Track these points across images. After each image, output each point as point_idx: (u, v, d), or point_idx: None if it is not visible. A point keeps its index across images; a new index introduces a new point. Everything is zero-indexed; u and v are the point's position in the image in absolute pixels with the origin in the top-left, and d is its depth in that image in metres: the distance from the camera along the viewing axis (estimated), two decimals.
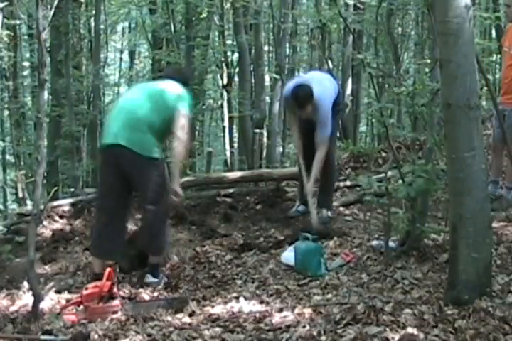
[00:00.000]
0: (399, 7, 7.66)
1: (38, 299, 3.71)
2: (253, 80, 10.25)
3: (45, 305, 3.87)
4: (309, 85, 5.05)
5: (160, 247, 4.31)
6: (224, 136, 13.68)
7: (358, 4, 7.99)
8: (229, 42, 11.89)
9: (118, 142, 4.08)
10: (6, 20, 8.24)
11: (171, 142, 4.33)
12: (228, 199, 6.01)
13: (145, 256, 4.35)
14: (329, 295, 3.67)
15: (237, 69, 11.09)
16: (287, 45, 10.54)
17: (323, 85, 5.18)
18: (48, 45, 9.67)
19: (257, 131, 8.32)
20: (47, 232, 5.24)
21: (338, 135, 6.86)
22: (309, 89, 5.00)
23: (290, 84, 5.23)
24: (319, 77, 5.48)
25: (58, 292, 4.17)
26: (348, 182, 6.38)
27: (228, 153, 12.66)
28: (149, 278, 4.23)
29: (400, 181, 4.08)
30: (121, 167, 4.12)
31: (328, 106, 5.09)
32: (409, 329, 2.94)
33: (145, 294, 4.06)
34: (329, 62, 9.78)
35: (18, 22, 10.04)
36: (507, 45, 5.16)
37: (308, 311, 3.39)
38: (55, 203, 5.73)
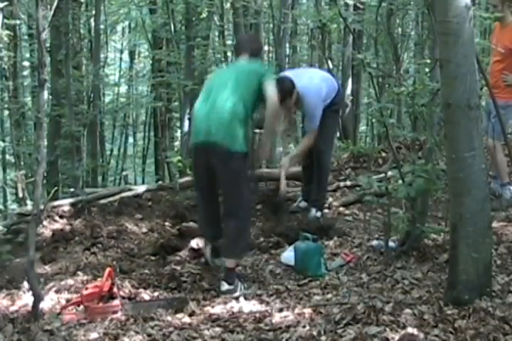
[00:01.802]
0: (399, 7, 7.64)
1: (38, 299, 3.71)
2: None
3: (45, 305, 3.87)
4: (289, 80, 5.18)
5: (237, 250, 4.09)
6: None
7: (358, 4, 7.99)
8: (229, 42, 11.88)
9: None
10: (6, 20, 8.23)
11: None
12: None
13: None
14: (329, 295, 3.67)
15: None
16: (287, 45, 10.53)
17: (311, 79, 5.31)
18: (48, 45, 9.66)
19: (257, 131, 8.27)
20: (47, 232, 5.24)
21: (337, 135, 6.90)
22: (287, 84, 5.10)
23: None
24: (311, 73, 5.67)
25: (58, 292, 4.17)
26: (348, 182, 6.38)
27: None
28: (224, 286, 3.96)
29: (400, 181, 4.08)
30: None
31: (313, 99, 5.20)
32: (409, 329, 2.95)
33: (145, 294, 4.05)
34: (329, 62, 9.77)
35: (18, 22, 10.03)
36: (495, 42, 5.39)
37: (308, 311, 3.40)
38: (55, 203, 5.72)
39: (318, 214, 5.36)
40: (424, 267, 3.86)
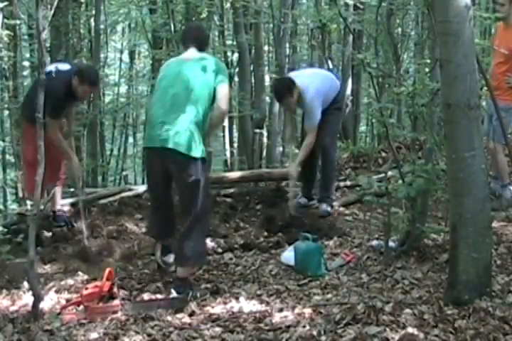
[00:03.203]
0: (399, 7, 7.66)
1: (38, 299, 3.70)
2: (253, 80, 10.24)
3: (45, 305, 3.87)
4: (288, 78, 5.38)
5: (191, 258, 4.00)
6: (224, 136, 13.66)
7: (358, 4, 8.00)
8: (229, 42, 11.87)
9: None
10: (6, 20, 8.22)
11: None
12: (228, 199, 6.01)
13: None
14: (329, 295, 3.67)
15: (237, 69, 11.09)
16: (287, 45, 10.53)
17: (312, 79, 5.44)
18: (48, 45, 9.66)
19: (257, 131, 8.32)
20: (47, 232, 5.23)
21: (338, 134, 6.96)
22: (286, 83, 5.32)
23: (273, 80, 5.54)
24: (313, 72, 5.83)
25: (58, 292, 4.17)
26: (348, 182, 6.39)
27: (228, 153, 12.65)
28: (173, 294, 3.94)
29: (400, 181, 4.08)
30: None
31: (313, 97, 5.30)
32: (409, 329, 2.95)
33: (145, 294, 4.05)
34: (329, 62, 9.77)
35: (18, 22, 10.01)
36: (497, 43, 5.32)
37: (308, 311, 3.40)
38: None
39: (329, 208, 5.47)
40: (424, 267, 3.86)
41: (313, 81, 5.41)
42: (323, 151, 5.51)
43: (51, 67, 5.08)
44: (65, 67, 5.13)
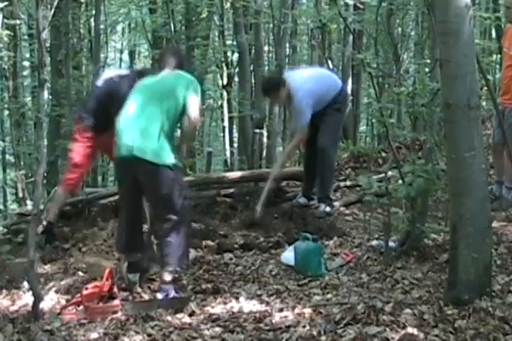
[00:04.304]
0: (399, 7, 7.66)
1: (38, 299, 3.71)
2: (253, 80, 10.24)
3: (45, 305, 3.87)
4: (277, 77, 5.48)
5: (173, 262, 3.97)
6: (224, 136, 13.68)
7: (358, 4, 7.98)
8: (229, 42, 11.89)
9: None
10: (6, 20, 8.24)
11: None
12: (228, 199, 6.00)
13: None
14: (329, 295, 3.67)
15: (237, 69, 11.09)
16: (287, 45, 10.53)
17: (306, 78, 5.42)
18: (48, 45, 9.65)
19: (257, 131, 8.33)
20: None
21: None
22: (274, 80, 5.38)
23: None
24: (312, 72, 5.81)
25: (58, 292, 4.17)
26: (348, 182, 6.38)
27: (228, 153, 12.66)
28: (158, 297, 3.93)
29: (400, 181, 4.08)
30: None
31: (302, 97, 5.26)
32: (409, 329, 2.95)
33: (145, 294, 4.05)
34: (329, 62, 9.78)
35: (18, 22, 10.03)
36: (506, 45, 5.19)
37: (308, 311, 3.39)
38: None
39: (328, 209, 5.41)
40: (424, 267, 3.85)
41: (306, 81, 5.36)
42: (320, 152, 5.42)
43: (110, 74, 5.34)
44: (124, 71, 5.49)
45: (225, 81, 11.89)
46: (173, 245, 3.97)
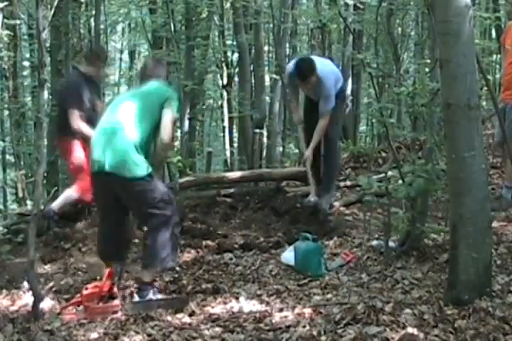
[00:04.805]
0: (399, 7, 7.65)
1: (38, 299, 3.71)
2: (253, 80, 10.24)
3: (45, 305, 3.87)
4: (312, 59, 5.49)
5: (154, 263, 3.97)
6: (224, 136, 13.67)
7: (358, 4, 8.00)
8: (229, 42, 11.87)
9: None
10: (6, 20, 8.22)
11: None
12: (228, 199, 6.00)
13: None
14: (329, 295, 3.67)
15: (237, 69, 11.08)
16: (287, 45, 10.52)
17: (325, 65, 5.58)
18: (48, 45, 9.65)
19: (257, 131, 8.32)
20: (47, 232, 5.23)
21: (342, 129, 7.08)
22: (312, 63, 5.41)
23: (293, 61, 5.69)
24: (322, 59, 5.91)
25: (58, 292, 4.17)
26: (348, 182, 6.39)
27: (228, 153, 12.65)
28: (135, 299, 3.92)
29: (400, 181, 4.08)
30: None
31: (331, 82, 5.44)
32: (409, 329, 2.95)
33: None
34: None
35: (18, 22, 10.02)
36: (509, 42, 5.19)
37: (308, 311, 3.40)
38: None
39: (328, 205, 5.50)
40: (424, 267, 3.85)
41: (328, 66, 5.56)
42: (327, 145, 5.60)
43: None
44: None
45: (225, 81, 11.88)
46: (155, 248, 3.94)
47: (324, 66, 5.51)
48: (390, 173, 4.60)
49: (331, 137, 5.57)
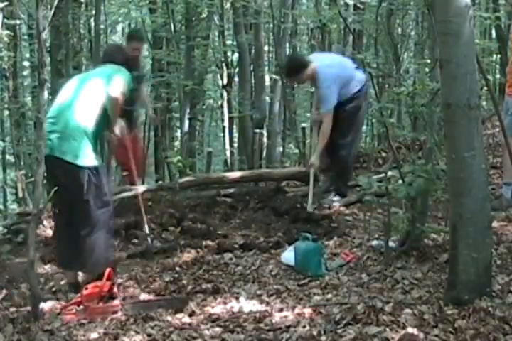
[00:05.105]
0: (399, 7, 7.64)
1: (38, 299, 3.71)
2: (253, 80, 10.23)
3: (45, 305, 3.87)
4: (302, 59, 5.44)
5: (93, 264, 3.98)
6: (224, 136, 13.66)
7: (358, 4, 7.99)
8: (229, 42, 11.87)
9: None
10: (6, 20, 8.22)
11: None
12: (228, 199, 6.01)
13: None
14: (329, 295, 3.67)
15: (237, 69, 11.08)
16: (287, 45, 10.52)
17: (331, 63, 5.47)
18: (48, 45, 9.64)
19: (257, 131, 8.32)
20: (47, 232, 5.23)
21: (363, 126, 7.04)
22: (299, 62, 5.35)
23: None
24: (336, 58, 5.84)
25: (58, 292, 4.17)
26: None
27: (228, 153, 12.64)
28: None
29: (400, 181, 4.08)
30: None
31: (326, 81, 5.32)
32: (409, 329, 2.95)
33: (145, 294, 4.05)
34: None
35: (18, 22, 10.01)
36: None
37: (308, 311, 3.40)
38: None
39: (336, 198, 5.57)
40: (424, 267, 3.85)
41: (332, 66, 5.43)
42: (335, 150, 5.55)
43: None
44: None
45: (225, 81, 11.88)
46: (89, 250, 3.93)
47: (326, 67, 5.40)
48: (390, 173, 4.60)
49: (338, 143, 5.49)
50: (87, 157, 3.88)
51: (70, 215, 4.00)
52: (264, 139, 9.64)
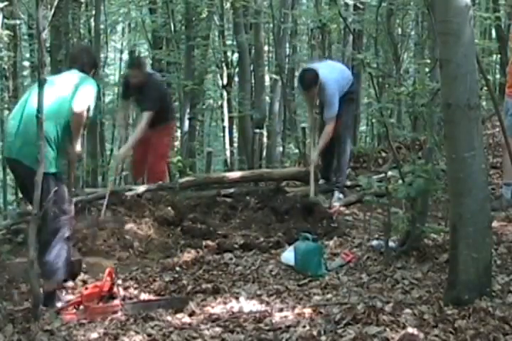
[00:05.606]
0: (399, 7, 7.66)
1: (38, 299, 3.70)
2: (253, 80, 10.23)
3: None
4: (315, 70, 5.73)
5: (51, 271, 3.91)
6: (224, 136, 13.65)
7: (358, 4, 7.99)
8: (229, 42, 11.87)
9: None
10: (6, 20, 8.23)
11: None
12: (228, 199, 6.01)
13: None
14: (329, 295, 3.67)
15: (237, 69, 11.08)
16: (287, 45, 10.52)
17: (331, 70, 5.88)
18: (48, 45, 9.65)
19: (257, 131, 8.33)
20: None
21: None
22: (314, 73, 5.67)
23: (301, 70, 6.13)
24: (330, 64, 6.32)
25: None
26: (348, 182, 6.38)
27: (228, 153, 12.64)
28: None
29: (400, 181, 4.08)
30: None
31: (333, 88, 5.71)
32: (409, 329, 2.95)
33: (145, 294, 4.05)
34: None
35: (18, 22, 10.01)
36: None
37: (308, 311, 3.40)
38: None
39: (341, 195, 5.84)
40: (424, 267, 3.85)
41: (332, 72, 5.79)
42: (338, 142, 5.87)
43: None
44: None
45: (225, 81, 11.88)
46: (51, 257, 3.90)
47: (328, 70, 5.75)
48: (390, 173, 4.60)
49: (341, 135, 5.84)
50: (48, 162, 3.83)
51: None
52: (264, 139, 9.64)
